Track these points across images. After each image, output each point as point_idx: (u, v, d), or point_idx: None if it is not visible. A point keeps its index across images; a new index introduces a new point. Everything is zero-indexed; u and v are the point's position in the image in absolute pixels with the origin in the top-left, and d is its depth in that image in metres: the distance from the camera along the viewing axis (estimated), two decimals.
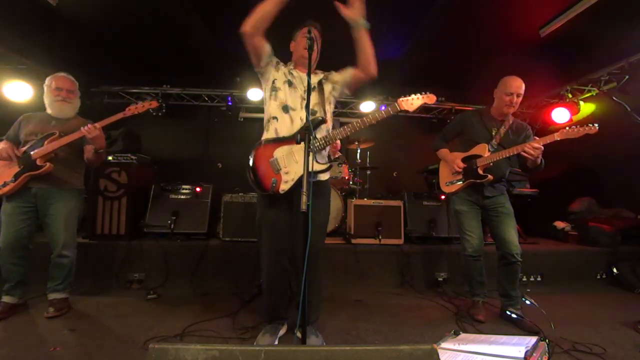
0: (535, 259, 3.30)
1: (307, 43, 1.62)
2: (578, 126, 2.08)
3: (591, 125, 2.04)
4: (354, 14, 1.74)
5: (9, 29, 3.38)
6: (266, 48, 1.91)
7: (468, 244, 2.40)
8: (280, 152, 1.83)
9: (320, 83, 1.99)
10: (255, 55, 1.90)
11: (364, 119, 1.84)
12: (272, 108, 1.93)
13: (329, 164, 1.91)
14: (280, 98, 1.91)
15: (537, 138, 2.17)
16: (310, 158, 1.73)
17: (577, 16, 3.09)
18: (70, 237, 2.30)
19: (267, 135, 1.92)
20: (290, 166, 1.81)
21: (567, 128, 2.09)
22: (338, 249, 3.16)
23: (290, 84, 1.93)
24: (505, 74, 2.41)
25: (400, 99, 1.84)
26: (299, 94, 1.91)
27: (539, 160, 2.19)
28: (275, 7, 1.75)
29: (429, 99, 1.83)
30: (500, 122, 2.43)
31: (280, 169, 1.81)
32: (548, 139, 2.12)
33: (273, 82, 1.95)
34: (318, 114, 1.93)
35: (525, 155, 2.17)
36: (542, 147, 2.12)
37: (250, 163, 1.85)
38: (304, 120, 1.81)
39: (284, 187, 1.79)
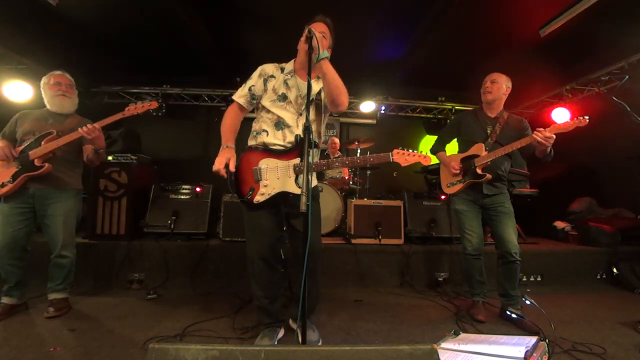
0: (535, 259, 3.30)
1: (307, 49, 1.55)
2: (568, 120, 2.04)
3: (581, 117, 1.99)
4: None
5: (9, 29, 3.39)
6: (247, 107, 1.93)
7: (468, 243, 2.40)
8: (265, 163, 1.79)
9: (319, 93, 1.86)
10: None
11: (359, 160, 1.78)
12: (262, 120, 1.86)
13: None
14: (273, 113, 1.83)
15: (542, 129, 2.08)
16: (293, 179, 1.73)
17: (577, 16, 3.10)
18: (69, 237, 2.29)
19: (255, 142, 1.86)
20: (270, 180, 1.77)
21: (558, 123, 2.07)
22: (338, 249, 3.16)
23: (284, 98, 1.83)
24: (505, 74, 2.41)
25: (396, 151, 1.73)
26: (294, 110, 1.82)
27: (548, 149, 2.12)
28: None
29: (425, 160, 1.72)
30: (494, 120, 2.42)
31: (261, 180, 1.78)
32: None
33: (267, 99, 1.87)
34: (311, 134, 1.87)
35: (536, 144, 2.10)
36: (554, 137, 2.03)
37: (236, 164, 1.81)
38: (298, 138, 1.75)
39: (259, 198, 1.77)
